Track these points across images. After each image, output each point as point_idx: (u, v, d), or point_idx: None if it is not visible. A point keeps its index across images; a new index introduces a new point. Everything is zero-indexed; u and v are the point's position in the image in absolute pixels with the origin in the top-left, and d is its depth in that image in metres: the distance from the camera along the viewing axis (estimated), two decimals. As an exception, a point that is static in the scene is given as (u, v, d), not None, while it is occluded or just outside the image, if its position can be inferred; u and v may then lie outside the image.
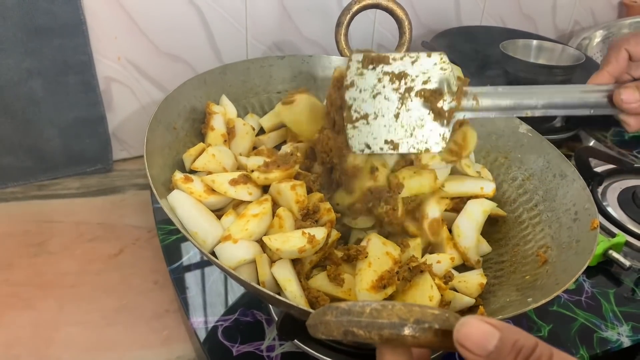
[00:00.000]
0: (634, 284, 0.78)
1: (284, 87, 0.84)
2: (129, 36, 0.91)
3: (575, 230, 0.63)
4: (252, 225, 0.59)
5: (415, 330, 0.33)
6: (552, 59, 1.13)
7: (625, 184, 0.99)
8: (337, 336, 0.34)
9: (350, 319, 0.34)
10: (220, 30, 0.97)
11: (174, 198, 0.60)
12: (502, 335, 0.31)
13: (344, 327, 0.34)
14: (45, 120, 0.89)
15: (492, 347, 0.31)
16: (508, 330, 0.32)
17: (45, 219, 0.86)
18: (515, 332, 0.32)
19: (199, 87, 0.75)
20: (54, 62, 0.85)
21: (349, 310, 0.34)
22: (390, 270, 0.57)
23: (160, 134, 0.65)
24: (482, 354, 0.31)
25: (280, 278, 0.56)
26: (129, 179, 0.97)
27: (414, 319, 0.33)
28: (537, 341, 0.32)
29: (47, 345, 0.67)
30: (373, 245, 0.61)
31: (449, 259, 0.65)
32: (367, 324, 0.33)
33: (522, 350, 0.31)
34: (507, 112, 0.61)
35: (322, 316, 0.35)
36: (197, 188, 0.63)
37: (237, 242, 0.57)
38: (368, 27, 1.14)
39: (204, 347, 0.62)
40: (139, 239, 0.84)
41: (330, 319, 0.34)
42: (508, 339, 0.31)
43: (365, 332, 0.33)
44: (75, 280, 0.76)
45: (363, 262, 0.59)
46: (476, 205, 0.70)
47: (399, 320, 0.33)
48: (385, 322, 0.33)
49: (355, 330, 0.33)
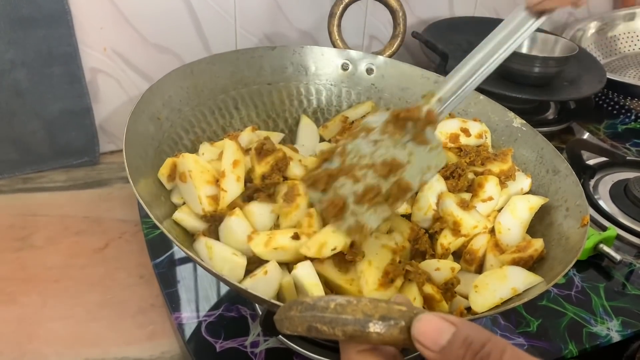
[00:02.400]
0: (625, 278, 0.78)
1: (275, 78, 0.83)
2: (114, 26, 0.89)
3: (565, 227, 0.62)
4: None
5: (380, 327, 0.32)
6: (546, 50, 1.12)
7: (617, 176, 0.98)
8: (302, 332, 0.33)
9: (314, 315, 0.33)
10: (208, 20, 0.96)
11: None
12: (456, 330, 0.32)
13: (308, 323, 0.33)
14: (30, 112, 0.87)
15: (444, 342, 0.32)
16: (463, 325, 0.32)
17: (30, 213, 0.85)
18: (469, 328, 0.32)
19: (186, 78, 0.73)
20: (38, 53, 0.84)
21: (314, 305, 0.33)
22: (393, 262, 0.56)
23: (143, 124, 0.64)
24: (435, 349, 0.32)
25: (306, 282, 0.54)
26: (116, 172, 0.96)
27: (379, 315, 0.32)
28: (491, 336, 0.32)
29: (30, 340, 0.66)
30: (367, 243, 0.58)
31: (449, 268, 0.59)
32: (331, 320, 0.32)
33: (471, 345, 0.31)
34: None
35: (287, 311, 0.34)
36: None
37: (266, 273, 0.55)
38: (359, 19, 1.13)
39: (187, 343, 0.62)
40: (125, 233, 0.83)
41: (295, 314, 0.34)
42: (460, 334, 0.32)
43: (329, 328, 0.32)
44: (60, 274, 0.75)
45: (362, 263, 0.57)
46: (522, 202, 0.66)
47: (364, 317, 0.32)
48: (349, 318, 0.32)
49: (318, 326, 0.33)
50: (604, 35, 1.39)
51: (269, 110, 0.83)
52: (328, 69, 0.86)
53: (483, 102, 0.81)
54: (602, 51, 1.40)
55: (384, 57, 0.87)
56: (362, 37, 1.16)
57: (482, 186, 0.68)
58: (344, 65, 0.86)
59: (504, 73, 1.11)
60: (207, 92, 0.77)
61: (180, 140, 0.71)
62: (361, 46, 1.16)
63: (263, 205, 0.62)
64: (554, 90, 1.09)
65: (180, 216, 0.61)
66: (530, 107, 1.14)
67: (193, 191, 0.61)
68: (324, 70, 0.86)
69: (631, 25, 1.41)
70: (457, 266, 0.58)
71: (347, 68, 0.86)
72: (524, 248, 0.61)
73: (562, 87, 1.10)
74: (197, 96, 0.75)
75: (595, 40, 1.38)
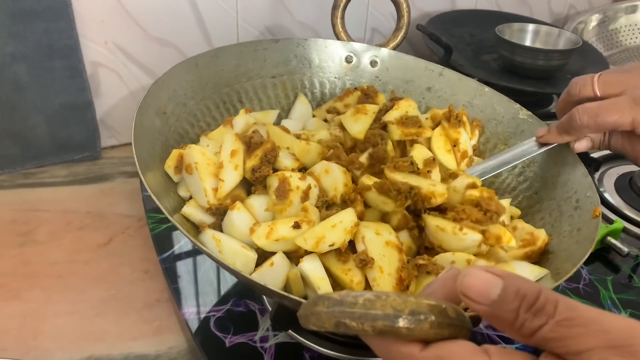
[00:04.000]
0: (632, 270, 0.78)
1: (279, 71, 0.82)
2: (116, 20, 0.88)
3: (576, 219, 0.61)
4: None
5: (410, 322, 0.31)
6: (549, 43, 1.12)
7: (622, 169, 0.97)
8: (329, 327, 0.33)
9: (342, 310, 0.32)
10: (210, 13, 0.95)
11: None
12: (505, 283, 0.31)
13: (336, 318, 0.32)
14: (30, 106, 0.86)
15: (495, 296, 0.31)
16: (511, 278, 0.32)
17: (32, 208, 0.84)
18: (519, 280, 0.31)
19: (190, 71, 0.73)
20: (38, 47, 0.83)
21: (341, 300, 0.33)
22: (403, 265, 0.55)
23: (149, 119, 0.63)
24: (486, 303, 0.31)
25: (312, 276, 0.53)
26: (118, 166, 0.95)
27: (409, 310, 0.32)
28: (541, 287, 0.31)
29: (35, 336, 0.65)
30: (370, 243, 0.56)
31: (465, 260, 0.56)
32: (360, 315, 0.32)
33: (525, 297, 0.31)
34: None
35: (313, 307, 0.33)
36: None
37: (273, 264, 0.54)
38: (362, 12, 1.12)
39: (196, 338, 0.61)
40: (128, 228, 0.82)
41: (322, 309, 0.33)
42: (511, 287, 0.31)
43: (358, 323, 0.32)
44: (63, 270, 0.74)
45: (373, 270, 0.54)
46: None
47: (393, 312, 0.31)
48: (379, 314, 0.32)
49: (347, 322, 0.32)
50: (605, 28, 1.39)
51: (273, 104, 0.82)
52: (332, 61, 0.85)
53: (488, 94, 0.80)
54: (604, 44, 1.39)
55: (387, 50, 0.87)
56: (364, 29, 1.15)
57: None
58: (347, 58, 0.86)
59: (507, 66, 1.11)
60: (212, 86, 0.76)
61: (186, 135, 0.70)
62: (363, 39, 1.16)
63: (262, 197, 0.62)
64: (557, 83, 1.09)
65: (189, 211, 0.60)
66: (534, 100, 1.13)
67: (199, 183, 0.60)
68: (328, 63, 0.85)
69: (632, 17, 1.41)
70: (474, 258, 0.57)
71: (351, 60, 0.86)
72: (531, 241, 0.61)
73: (565, 80, 1.10)
74: (202, 90, 0.74)
75: (597, 33, 1.38)
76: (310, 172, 0.63)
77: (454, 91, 0.82)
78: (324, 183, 0.62)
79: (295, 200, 0.59)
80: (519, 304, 0.31)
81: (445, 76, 0.83)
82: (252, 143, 0.63)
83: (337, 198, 0.62)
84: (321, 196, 0.61)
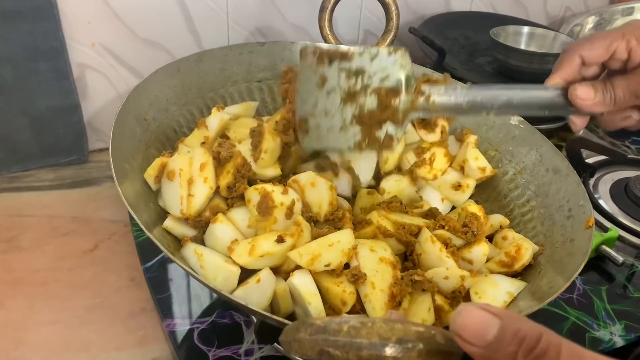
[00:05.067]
0: (626, 280, 0.76)
1: (265, 75, 0.81)
2: (103, 21, 0.87)
3: (569, 229, 0.60)
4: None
5: (397, 351, 0.30)
6: (544, 46, 1.11)
7: (618, 175, 0.96)
8: (312, 355, 0.31)
9: (325, 338, 0.31)
10: (200, 14, 0.93)
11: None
12: (502, 323, 0.29)
13: (319, 347, 0.31)
14: (15, 109, 0.85)
15: (491, 337, 0.29)
16: (509, 318, 0.29)
17: (16, 213, 0.83)
18: (518, 321, 0.29)
19: (173, 76, 0.71)
20: (23, 48, 0.81)
21: (325, 327, 0.31)
22: (396, 281, 0.54)
23: (129, 126, 0.61)
24: (481, 345, 0.29)
25: (303, 291, 0.52)
26: (105, 170, 0.93)
27: (396, 338, 0.30)
28: (543, 330, 0.29)
29: (15, 346, 0.64)
30: (364, 259, 0.55)
31: (459, 276, 0.56)
32: (345, 344, 0.30)
33: (525, 340, 0.28)
34: (463, 112, 0.59)
35: (295, 333, 0.32)
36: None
37: (259, 281, 0.53)
38: (354, 12, 1.11)
39: (179, 351, 0.60)
40: (115, 234, 0.81)
41: (304, 336, 0.32)
42: (509, 328, 0.29)
43: (343, 352, 0.30)
44: (47, 277, 0.73)
45: (365, 286, 0.53)
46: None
47: (380, 340, 0.30)
48: (364, 342, 0.30)
49: (331, 351, 0.31)
50: (602, 31, 1.38)
51: (260, 109, 0.81)
52: (320, 65, 0.84)
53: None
54: (600, 47, 1.38)
55: (375, 53, 0.85)
56: (357, 31, 1.14)
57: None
58: (336, 62, 0.84)
59: (502, 69, 1.09)
60: (195, 91, 0.75)
61: (168, 142, 0.69)
62: (356, 40, 1.14)
63: (243, 209, 0.60)
64: (552, 87, 1.07)
65: (170, 224, 0.59)
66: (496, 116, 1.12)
67: (177, 190, 0.58)
68: (316, 67, 0.83)
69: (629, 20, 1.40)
70: (467, 274, 0.56)
71: (339, 64, 0.84)
72: (510, 263, 0.61)
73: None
74: (185, 95, 0.73)
75: (593, 36, 1.37)
76: (295, 180, 0.61)
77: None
78: (309, 197, 0.61)
79: (280, 217, 0.58)
80: (517, 347, 0.29)
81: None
82: (221, 158, 0.61)
83: (321, 216, 0.60)
84: (305, 211, 0.59)
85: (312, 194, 0.61)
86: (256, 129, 0.64)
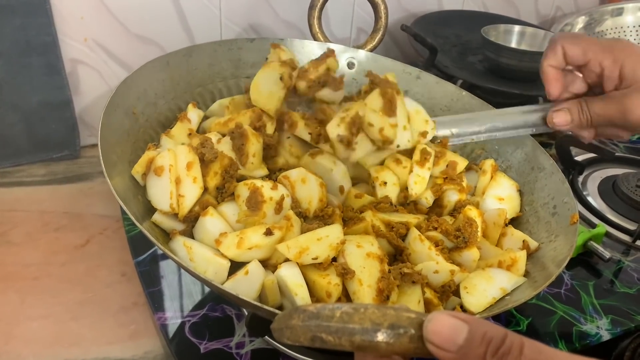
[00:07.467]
0: (614, 275, 0.77)
1: (254, 71, 0.80)
2: (96, 16, 0.87)
3: (554, 225, 0.61)
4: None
5: (389, 336, 0.31)
6: (535, 45, 1.11)
7: (606, 173, 0.97)
8: (305, 342, 0.32)
9: (318, 324, 0.31)
10: (192, 10, 0.94)
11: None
12: (470, 327, 0.31)
13: (312, 333, 0.31)
14: (7, 104, 0.85)
15: (461, 341, 0.31)
16: (476, 322, 0.31)
17: (8, 208, 0.83)
18: (484, 324, 0.31)
19: (162, 70, 0.71)
20: (15, 43, 0.81)
21: (318, 313, 0.32)
22: (384, 275, 0.54)
23: (118, 119, 0.61)
24: (453, 349, 0.31)
25: (290, 282, 0.52)
26: (97, 165, 0.93)
27: (388, 324, 0.31)
28: (507, 331, 0.31)
29: (7, 340, 0.64)
30: (350, 255, 0.55)
31: (449, 271, 0.56)
32: (337, 329, 0.31)
33: (492, 341, 0.31)
34: (452, 139, 0.69)
35: (288, 320, 0.32)
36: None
37: (248, 273, 0.53)
38: (347, 10, 1.11)
39: (171, 344, 0.60)
40: (106, 229, 0.81)
41: (297, 323, 0.32)
42: (477, 331, 0.31)
43: (335, 338, 0.31)
44: (39, 271, 0.73)
45: (352, 282, 0.53)
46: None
47: (372, 326, 0.31)
48: (356, 328, 0.31)
49: (323, 336, 0.31)
50: (592, 31, 1.39)
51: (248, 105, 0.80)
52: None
53: (465, 98, 0.80)
54: (590, 46, 1.39)
55: (365, 51, 0.86)
56: (350, 28, 1.14)
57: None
58: (324, 59, 0.84)
59: (493, 67, 1.10)
60: (184, 85, 0.75)
61: (156, 135, 0.68)
62: (349, 38, 1.15)
63: (233, 204, 0.60)
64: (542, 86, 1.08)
65: (159, 218, 0.59)
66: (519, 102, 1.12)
67: (167, 186, 0.58)
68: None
69: (619, 20, 1.41)
70: (457, 268, 0.56)
71: (328, 62, 0.85)
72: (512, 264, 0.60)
73: (550, 82, 1.09)
74: (173, 89, 0.73)
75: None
76: (286, 176, 0.62)
77: (432, 95, 0.81)
78: (299, 193, 0.61)
79: (269, 212, 0.58)
80: (485, 348, 0.30)
81: (423, 79, 0.82)
82: (205, 160, 0.60)
83: (310, 212, 0.60)
84: (294, 207, 0.60)
85: (302, 190, 0.61)
86: (236, 130, 0.63)
